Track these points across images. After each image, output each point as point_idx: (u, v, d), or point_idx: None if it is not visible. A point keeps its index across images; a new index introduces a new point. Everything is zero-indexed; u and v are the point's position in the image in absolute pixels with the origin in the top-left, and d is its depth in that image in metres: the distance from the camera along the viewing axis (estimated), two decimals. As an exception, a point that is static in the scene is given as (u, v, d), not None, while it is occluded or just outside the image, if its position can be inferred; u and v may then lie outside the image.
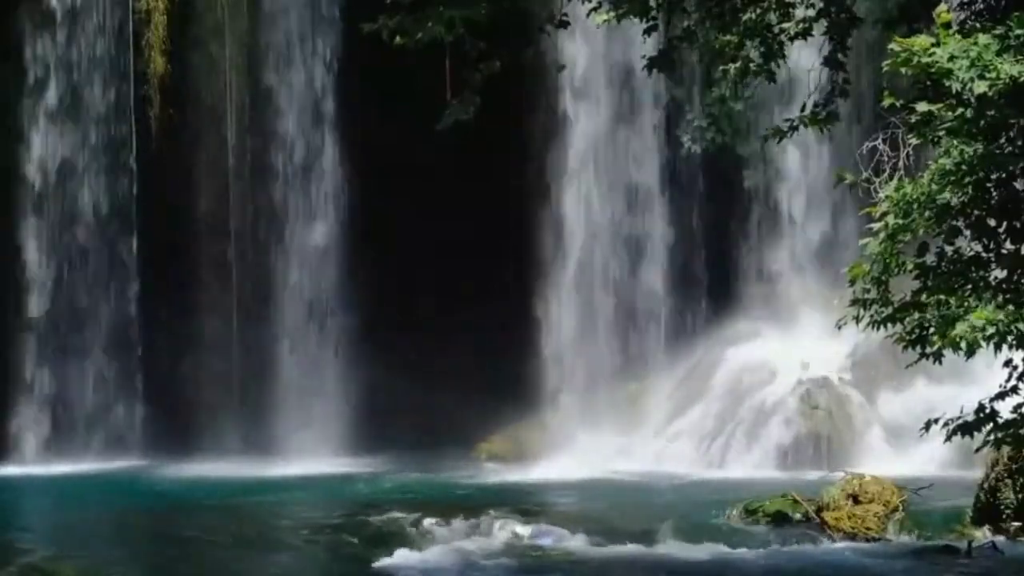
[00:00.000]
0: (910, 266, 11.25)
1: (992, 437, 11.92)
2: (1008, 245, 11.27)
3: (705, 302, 30.58)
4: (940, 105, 10.97)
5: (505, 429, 29.07)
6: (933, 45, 10.86)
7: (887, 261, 11.13)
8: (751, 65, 13.94)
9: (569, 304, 30.37)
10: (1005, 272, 11.18)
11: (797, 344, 28.32)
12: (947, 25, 11.05)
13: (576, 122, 30.59)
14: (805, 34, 13.93)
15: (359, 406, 29.40)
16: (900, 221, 10.98)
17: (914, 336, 11.19)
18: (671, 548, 18.18)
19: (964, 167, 10.89)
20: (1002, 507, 18.49)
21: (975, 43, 10.76)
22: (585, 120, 30.62)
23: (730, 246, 30.65)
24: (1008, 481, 18.47)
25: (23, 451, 30.42)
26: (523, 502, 22.46)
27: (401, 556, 17.77)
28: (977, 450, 12.53)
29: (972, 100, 10.71)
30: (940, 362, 11.20)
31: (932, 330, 10.94)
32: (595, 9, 14.24)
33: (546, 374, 29.80)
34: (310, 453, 28.76)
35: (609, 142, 30.72)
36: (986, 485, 18.70)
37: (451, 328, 30.41)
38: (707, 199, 30.80)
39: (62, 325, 31.19)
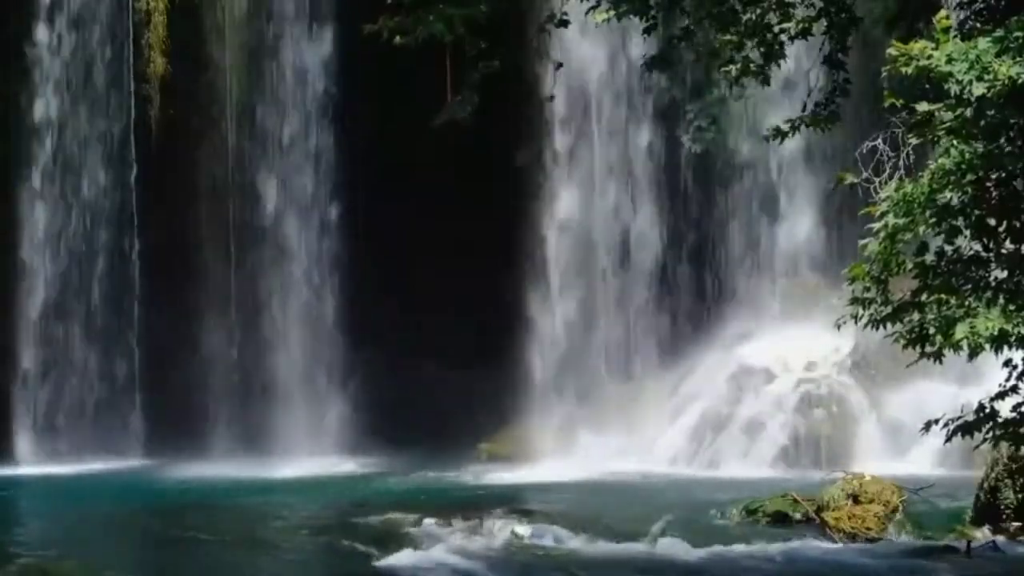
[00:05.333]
0: (910, 265, 11.26)
1: (991, 435, 11.95)
2: (1008, 245, 11.27)
3: (704, 301, 30.57)
4: (940, 105, 10.98)
5: (505, 429, 29.06)
6: (932, 49, 10.87)
7: (887, 260, 11.14)
8: (751, 65, 13.95)
9: (568, 304, 30.37)
10: (1005, 272, 11.18)
11: (796, 344, 28.31)
12: (946, 30, 11.06)
13: (572, 123, 30.59)
14: (805, 34, 13.94)
15: (359, 406, 29.40)
16: (900, 221, 10.99)
17: (914, 335, 11.20)
18: (671, 548, 18.15)
19: (964, 167, 10.90)
20: (1002, 507, 18.47)
21: (974, 46, 10.76)
22: (581, 121, 30.61)
23: (729, 245, 30.63)
24: (1008, 481, 18.46)
25: (23, 451, 30.42)
26: (523, 502, 22.45)
27: (401, 556, 17.75)
28: (976, 447, 12.54)
29: (972, 100, 10.71)
30: (940, 361, 11.22)
31: (933, 330, 10.94)
32: (594, 7, 14.24)
33: (546, 374, 29.80)
34: (310, 453, 28.77)
35: (605, 142, 30.71)
36: (986, 485, 18.68)
37: (451, 328, 30.41)
38: (704, 198, 30.79)
39: (62, 325, 31.20)
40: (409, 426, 28.87)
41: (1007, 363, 11.63)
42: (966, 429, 12.01)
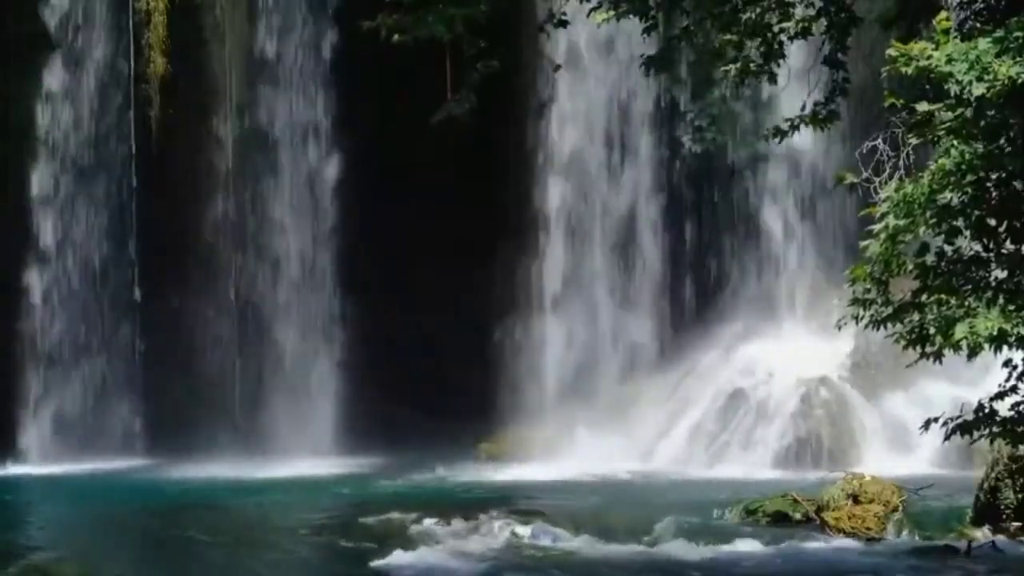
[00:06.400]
0: (911, 266, 11.26)
1: (988, 431, 11.97)
2: (1008, 245, 11.28)
3: (704, 301, 30.56)
4: (940, 105, 10.98)
5: (505, 429, 29.05)
6: (932, 49, 10.87)
7: (888, 261, 11.13)
8: (751, 65, 13.95)
9: (568, 304, 30.37)
10: (1005, 272, 11.19)
11: (797, 344, 28.31)
12: (946, 31, 11.05)
13: (569, 124, 30.59)
14: (805, 34, 13.93)
15: (359, 406, 29.38)
16: (901, 222, 10.99)
17: (914, 336, 11.20)
18: (671, 548, 18.17)
19: (964, 167, 10.90)
20: (1002, 507, 18.48)
21: (974, 46, 10.76)
22: (579, 121, 30.62)
23: (729, 245, 30.63)
24: (1008, 481, 18.47)
25: (24, 451, 30.42)
26: (523, 502, 22.43)
27: (401, 556, 17.76)
28: (972, 443, 12.55)
29: (972, 100, 10.71)
30: (940, 362, 11.22)
31: (933, 330, 10.95)
32: (595, 8, 14.24)
33: (546, 374, 29.80)
34: (309, 453, 28.76)
35: (605, 142, 30.72)
36: (986, 485, 18.69)
37: (451, 328, 30.41)
38: (702, 199, 30.80)
39: (62, 325, 31.20)
40: (408, 426, 28.87)
41: (1007, 363, 11.64)
42: (965, 428, 12.03)
